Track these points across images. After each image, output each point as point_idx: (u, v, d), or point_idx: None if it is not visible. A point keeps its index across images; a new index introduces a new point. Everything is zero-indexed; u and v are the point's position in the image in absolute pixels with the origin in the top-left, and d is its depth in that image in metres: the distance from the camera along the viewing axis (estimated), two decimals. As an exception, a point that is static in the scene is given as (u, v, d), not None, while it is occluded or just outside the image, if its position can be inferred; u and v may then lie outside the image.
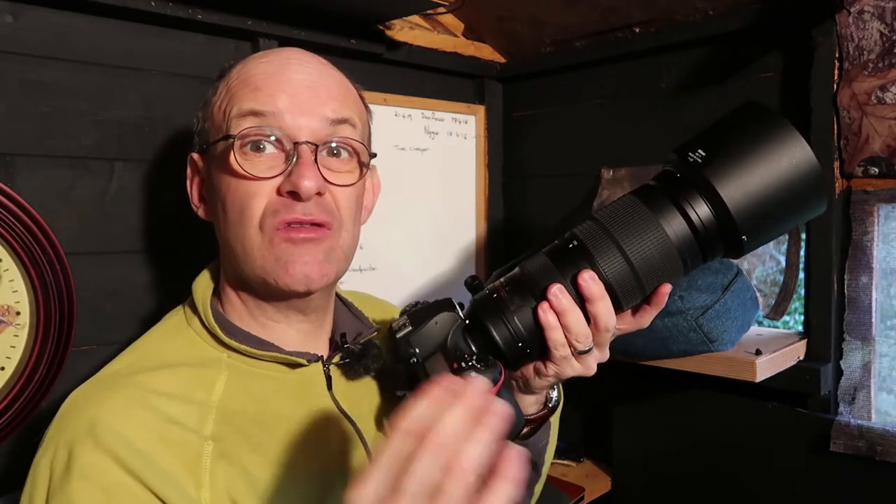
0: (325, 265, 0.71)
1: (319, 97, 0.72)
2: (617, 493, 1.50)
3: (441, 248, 1.64)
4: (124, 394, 0.66)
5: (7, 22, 0.98)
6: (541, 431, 0.84)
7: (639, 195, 0.69)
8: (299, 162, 0.69)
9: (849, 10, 1.13)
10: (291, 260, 0.69)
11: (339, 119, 0.73)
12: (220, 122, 0.73)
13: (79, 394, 0.69)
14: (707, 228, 0.66)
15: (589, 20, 1.45)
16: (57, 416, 0.67)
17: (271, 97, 0.70)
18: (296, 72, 0.73)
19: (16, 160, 0.99)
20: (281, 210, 0.69)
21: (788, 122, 0.65)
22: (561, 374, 0.72)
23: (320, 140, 0.71)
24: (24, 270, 0.97)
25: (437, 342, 0.68)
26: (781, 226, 0.69)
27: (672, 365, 1.21)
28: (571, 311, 0.66)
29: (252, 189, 0.70)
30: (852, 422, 1.17)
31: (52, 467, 0.62)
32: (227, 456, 0.67)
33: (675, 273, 0.68)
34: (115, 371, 0.71)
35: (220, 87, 0.75)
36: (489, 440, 0.45)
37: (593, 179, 1.55)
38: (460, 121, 1.66)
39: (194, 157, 0.79)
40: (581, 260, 0.67)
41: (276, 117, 0.70)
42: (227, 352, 0.74)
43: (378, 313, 0.93)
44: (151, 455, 0.62)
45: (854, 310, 1.19)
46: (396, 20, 1.39)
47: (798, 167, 0.64)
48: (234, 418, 0.69)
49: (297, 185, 0.68)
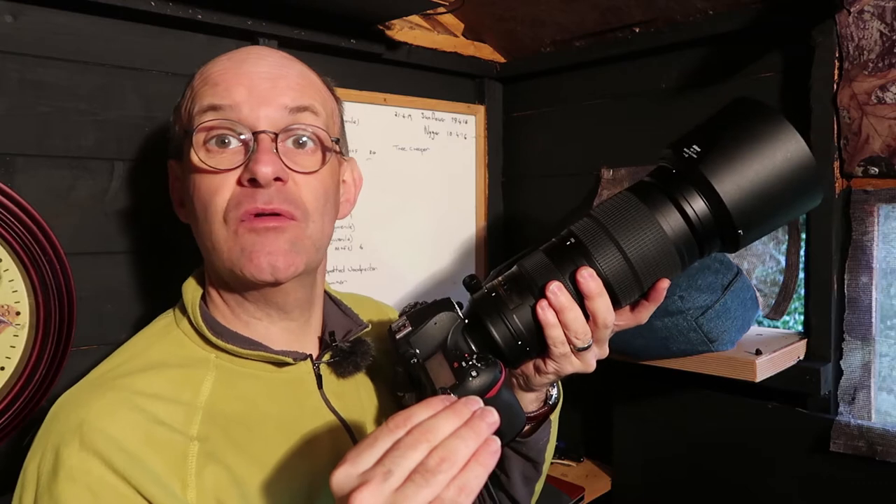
0: (291, 254, 0.70)
1: (278, 87, 0.72)
2: (617, 493, 1.50)
3: (441, 248, 1.64)
4: (111, 395, 0.66)
5: (7, 22, 0.98)
6: (541, 429, 0.84)
7: (635, 191, 0.69)
8: (258, 149, 0.69)
9: (849, 9, 1.13)
10: (255, 249, 0.69)
11: (298, 107, 0.72)
12: (186, 121, 0.74)
13: (67, 397, 0.69)
14: (703, 223, 0.67)
15: (589, 20, 1.45)
16: (46, 419, 0.68)
17: (228, 90, 0.70)
18: (254, 65, 0.73)
19: (16, 160, 0.99)
20: (243, 201, 0.69)
21: (782, 116, 0.66)
22: (561, 371, 0.72)
23: (279, 128, 0.71)
24: (24, 270, 0.97)
25: (437, 342, 0.68)
26: (777, 219, 0.69)
27: (672, 365, 1.21)
28: (570, 308, 0.66)
29: (215, 183, 0.70)
30: (852, 422, 1.17)
31: (40, 470, 0.63)
32: (214, 456, 0.67)
33: (672, 268, 0.69)
34: (103, 373, 0.71)
35: (186, 91, 0.76)
36: (474, 441, 0.49)
37: (593, 179, 1.55)
38: (460, 121, 1.66)
39: (172, 163, 0.80)
40: (579, 257, 0.67)
41: (235, 110, 0.70)
42: (214, 352, 0.74)
43: (374, 314, 0.93)
44: (138, 455, 0.62)
45: (854, 310, 1.19)
46: (396, 20, 1.39)
47: (792, 160, 0.65)
48: (220, 419, 0.69)
49: (254, 171, 0.67)
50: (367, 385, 0.84)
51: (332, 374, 0.80)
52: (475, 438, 0.49)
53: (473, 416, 0.51)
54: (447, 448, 0.48)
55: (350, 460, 0.49)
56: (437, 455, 0.48)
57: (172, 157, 0.79)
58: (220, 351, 0.74)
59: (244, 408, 0.71)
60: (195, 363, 0.73)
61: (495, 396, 0.66)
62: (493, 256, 1.74)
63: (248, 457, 0.69)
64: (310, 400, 0.77)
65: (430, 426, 0.50)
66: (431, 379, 0.66)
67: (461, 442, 0.49)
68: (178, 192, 0.80)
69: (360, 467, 0.49)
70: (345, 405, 0.79)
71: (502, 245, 1.76)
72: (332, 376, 0.80)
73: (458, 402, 0.52)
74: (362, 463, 0.49)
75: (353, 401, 0.81)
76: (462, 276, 1.69)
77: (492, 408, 0.52)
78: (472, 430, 0.49)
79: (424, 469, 0.47)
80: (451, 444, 0.49)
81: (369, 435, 0.51)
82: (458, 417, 0.50)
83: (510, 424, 0.71)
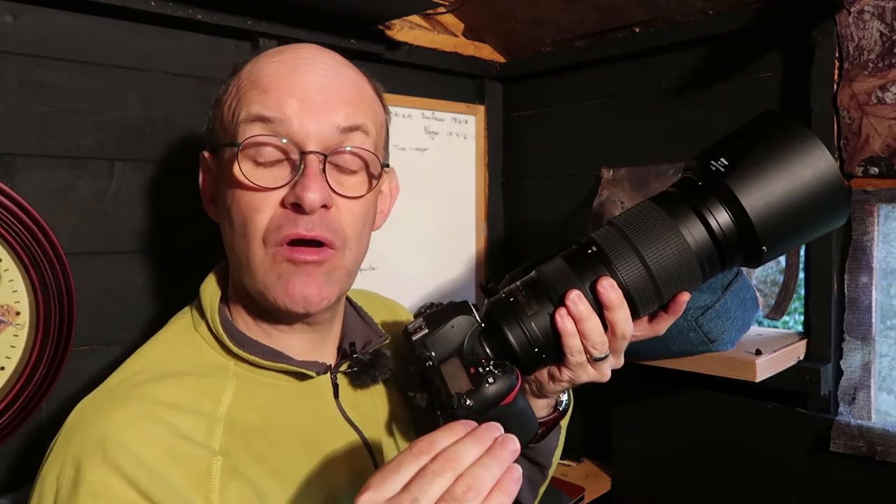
0: (326, 287, 0.69)
1: (331, 102, 0.69)
2: (617, 493, 1.50)
3: (441, 248, 1.64)
4: (132, 406, 0.65)
5: (7, 22, 0.98)
6: (551, 435, 0.84)
7: (658, 202, 0.68)
8: (305, 172, 0.66)
9: (849, 9, 1.13)
10: (292, 280, 0.67)
11: (350, 126, 0.70)
12: (229, 123, 0.71)
13: (86, 405, 0.68)
14: (727, 237, 0.66)
15: (589, 20, 1.45)
16: (64, 427, 0.66)
17: (279, 102, 0.67)
18: (307, 73, 0.69)
19: (16, 160, 0.99)
20: (284, 225, 0.67)
21: (811, 133, 0.65)
22: (575, 379, 0.71)
23: (329, 149, 0.68)
24: (24, 270, 0.97)
25: (453, 346, 0.67)
26: (801, 237, 0.68)
27: (672, 365, 1.21)
28: (589, 318, 0.66)
29: (257, 201, 0.68)
30: (852, 422, 1.17)
31: (59, 482, 0.61)
32: (237, 470, 0.66)
33: (693, 281, 0.68)
34: (122, 380, 0.69)
35: (231, 86, 0.73)
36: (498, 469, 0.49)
37: (593, 179, 1.55)
38: (460, 121, 1.66)
39: (205, 155, 0.77)
40: (600, 266, 0.66)
41: (284, 124, 0.67)
42: (234, 360, 0.72)
43: (386, 314, 0.92)
44: (160, 471, 0.61)
45: (854, 310, 1.19)
46: (396, 20, 1.39)
47: (821, 178, 0.64)
48: (241, 430, 0.68)
49: (301, 197, 0.65)
50: (381, 393, 0.83)
51: (349, 385, 0.79)
52: (499, 467, 0.49)
53: (496, 444, 0.51)
54: (472, 476, 0.48)
55: (374, 486, 0.49)
56: (464, 483, 0.48)
57: (208, 150, 0.77)
58: (240, 360, 0.72)
59: (263, 418, 0.70)
60: (215, 371, 0.71)
61: (511, 403, 0.65)
62: (493, 256, 1.74)
63: (268, 469, 0.68)
64: (326, 410, 0.76)
65: (455, 454, 0.49)
66: (447, 383, 0.65)
67: (486, 470, 0.49)
68: (210, 189, 0.77)
69: (385, 493, 0.48)
70: (360, 415, 0.78)
71: (502, 245, 1.76)
72: (348, 387, 0.79)
73: (480, 428, 0.52)
74: (387, 489, 0.48)
75: (369, 410, 0.80)
76: (461, 276, 1.70)
77: (513, 436, 0.52)
78: (495, 459, 0.49)
79: (452, 497, 0.47)
80: (476, 471, 0.48)
81: (393, 459, 0.51)
82: (480, 444, 0.50)
83: (524, 431, 0.70)
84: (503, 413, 0.65)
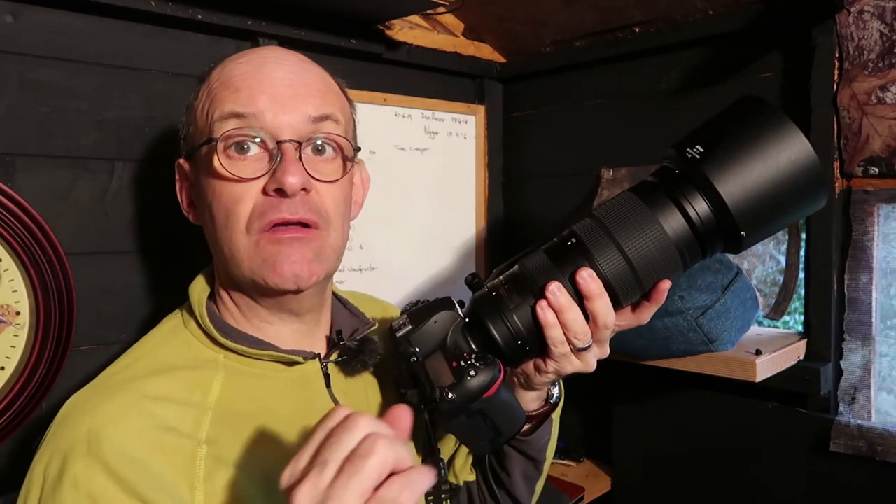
0: (315, 264, 0.71)
1: (300, 95, 0.72)
2: (617, 493, 1.50)
3: (441, 248, 1.64)
4: (120, 400, 0.66)
5: (7, 22, 0.98)
6: (542, 428, 0.85)
7: (637, 192, 0.69)
8: (283, 159, 0.69)
9: (849, 9, 1.13)
10: (279, 259, 0.69)
11: (321, 116, 0.72)
12: (203, 125, 0.73)
13: (76, 399, 0.69)
14: (705, 225, 0.66)
15: (589, 20, 1.45)
16: (54, 422, 0.68)
17: (251, 98, 0.70)
18: (275, 70, 0.72)
19: (16, 160, 0.99)
20: (268, 211, 0.69)
21: (786, 116, 0.65)
22: (561, 370, 0.72)
23: (303, 137, 0.71)
24: (24, 270, 0.97)
25: (436, 341, 0.69)
26: (781, 221, 0.69)
27: (672, 365, 1.21)
28: (569, 308, 0.66)
29: (238, 192, 0.70)
30: (852, 422, 1.17)
31: (46, 474, 0.63)
32: (223, 458, 0.67)
33: (673, 269, 0.68)
34: (112, 375, 0.71)
35: (202, 91, 0.75)
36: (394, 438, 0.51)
37: (593, 179, 1.55)
38: (460, 121, 1.66)
39: (181, 162, 0.79)
40: (579, 257, 0.67)
41: (258, 118, 0.70)
42: (223, 352, 0.74)
43: (378, 312, 0.93)
44: (144, 461, 0.62)
45: (854, 310, 1.19)
46: (396, 20, 1.39)
47: (797, 162, 0.64)
48: (230, 418, 0.69)
49: (281, 181, 0.67)
50: (373, 383, 0.85)
51: (340, 374, 0.80)
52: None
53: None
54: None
55: (293, 458, 0.51)
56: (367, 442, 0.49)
57: (182, 157, 0.79)
58: (229, 351, 0.74)
59: (254, 407, 0.72)
60: (204, 364, 0.73)
61: (494, 396, 0.66)
62: (493, 256, 1.74)
63: (259, 457, 0.69)
64: (318, 399, 0.77)
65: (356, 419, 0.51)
66: (430, 378, 0.66)
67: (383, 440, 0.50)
68: (188, 194, 0.79)
69: (300, 463, 0.51)
70: (352, 404, 0.79)
71: (502, 245, 1.76)
72: (339, 375, 0.80)
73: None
74: (302, 459, 0.51)
75: (361, 399, 0.82)
76: (461, 276, 1.69)
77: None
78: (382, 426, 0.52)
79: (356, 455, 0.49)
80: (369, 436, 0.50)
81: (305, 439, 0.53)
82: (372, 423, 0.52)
83: (509, 423, 0.71)
84: (486, 405, 0.66)
